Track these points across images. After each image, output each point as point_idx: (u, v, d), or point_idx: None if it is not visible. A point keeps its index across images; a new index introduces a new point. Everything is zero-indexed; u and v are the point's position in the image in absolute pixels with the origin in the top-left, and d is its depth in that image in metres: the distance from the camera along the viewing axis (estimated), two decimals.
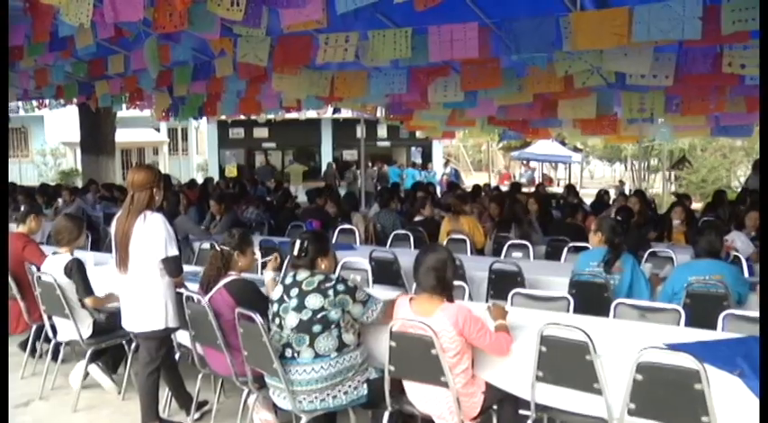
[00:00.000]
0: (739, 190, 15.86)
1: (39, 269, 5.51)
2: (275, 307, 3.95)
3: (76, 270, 5.13)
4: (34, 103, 14.00)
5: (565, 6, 5.69)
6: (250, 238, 4.65)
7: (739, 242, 6.81)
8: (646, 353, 3.10)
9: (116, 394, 5.43)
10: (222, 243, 4.43)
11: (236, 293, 4.22)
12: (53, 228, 5.58)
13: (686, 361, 2.98)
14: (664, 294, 5.08)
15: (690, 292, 4.87)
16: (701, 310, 4.55)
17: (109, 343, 5.38)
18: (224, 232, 4.94)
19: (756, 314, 4.17)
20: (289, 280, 3.97)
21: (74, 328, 5.17)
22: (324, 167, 26.28)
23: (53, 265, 5.25)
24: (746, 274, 5.95)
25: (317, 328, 3.77)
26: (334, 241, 8.13)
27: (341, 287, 3.84)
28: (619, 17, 5.37)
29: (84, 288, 5.13)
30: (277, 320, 3.92)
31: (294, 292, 3.87)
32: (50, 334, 5.58)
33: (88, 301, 5.12)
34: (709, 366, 3.02)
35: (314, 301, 3.79)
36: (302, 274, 3.93)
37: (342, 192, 14.56)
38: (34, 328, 5.95)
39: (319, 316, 3.77)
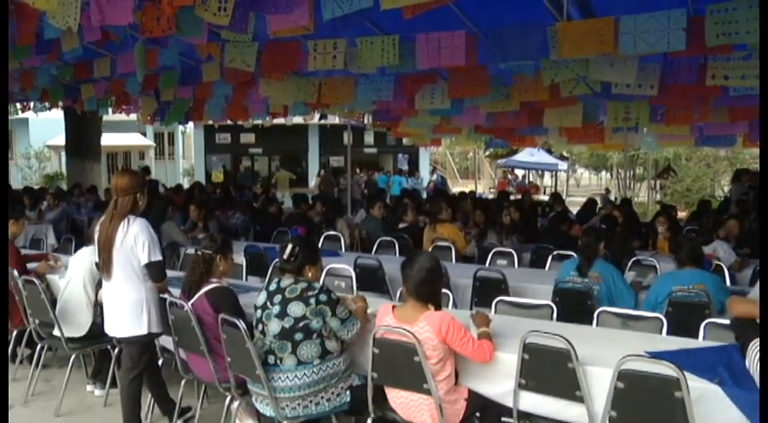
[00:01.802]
0: (722, 199, 15.98)
1: (20, 274, 5.50)
2: (259, 313, 3.94)
3: None
4: (18, 105, 13.90)
5: (552, 16, 5.73)
6: (231, 243, 4.65)
7: (722, 251, 6.85)
8: (627, 361, 3.11)
9: (98, 400, 5.40)
10: (204, 247, 4.42)
11: (215, 302, 4.21)
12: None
13: (667, 369, 3.00)
14: (647, 303, 5.11)
15: (672, 300, 4.91)
16: (683, 318, 4.59)
17: (93, 348, 5.37)
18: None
19: None
20: (273, 286, 3.96)
21: (72, 327, 5.23)
22: (310, 173, 26.29)
23: (85, 256, 5.29)
24: (728, 282, 6.00)
25: (298, 335, 3.76)
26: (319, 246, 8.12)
27: (323, 297, 3.82)
28: (605, 27, 5.41)
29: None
30: (260, 327, 3.91)
31: (277, 298, 3.86)
32: (35, 338, 5.55)
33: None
34: (689, 374, 3.04)
35: (296, 309, 3.78)
36: (286, 281, 3.92)
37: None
38: (15, 333, 5.91)
39: (301, 324, 3.76)
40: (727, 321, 4.09)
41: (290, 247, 3.99)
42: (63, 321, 5.23)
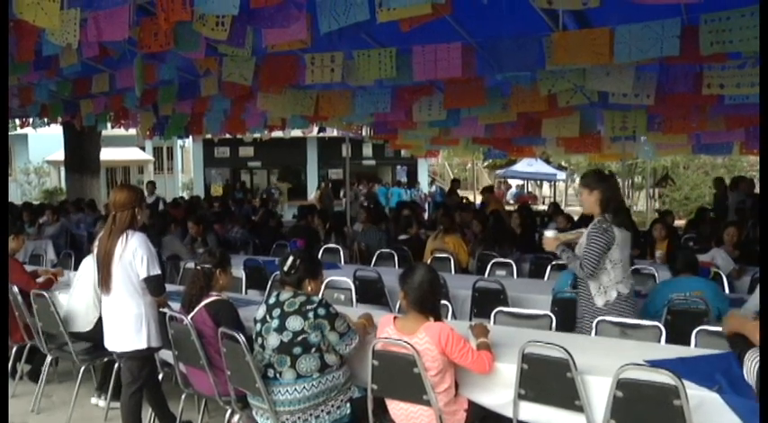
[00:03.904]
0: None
1: (20, 290, 5.50)
2: (258, 327, 3.94)
3: None
4: (17, 121, 13.94)
5: (547, 26, 5.76)
6: (230, 257, 4.66)
7: (720, 259, 6.84)
8: (626, 370, 3.12)
9: (99, 414, 5.39)
10: (203, 262, 4.43)
11: (215, 315, 4.22)
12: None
13: (665, 377, 3.02)
14: (645, 313, 5.11)
15: (671, 308, 4.91)
16: (682, 326, 4.58)
17: (102, 359, 5.35)
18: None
19: None
20: (272, 299, 3.97)
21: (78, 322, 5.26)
22: (309, 186, 26.30)
23: (91, 262, 5.26)
24: (727, 290, 6.01)
25: (297, 349, 3.76)
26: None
27: (322, 311, 3.81)
28: (600, 37, 5.45)
29: None
30: (260, 340, 3.91)
31: (276, 312, 3.86)
32: (46, 351, 5.56)
33: None
34: (688, 382, 3.05)
35: (294, 324, 3.78)
36: (285, 295, 3.92)
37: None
38: (15, 348, 5.91)
39: (299, 338, 3.76)
40: (719, 328, 4.11)
41: (290, 259, 4.00)
42: (70, 319, 5.26)
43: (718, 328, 4.16)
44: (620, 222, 4.56)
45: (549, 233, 4.88)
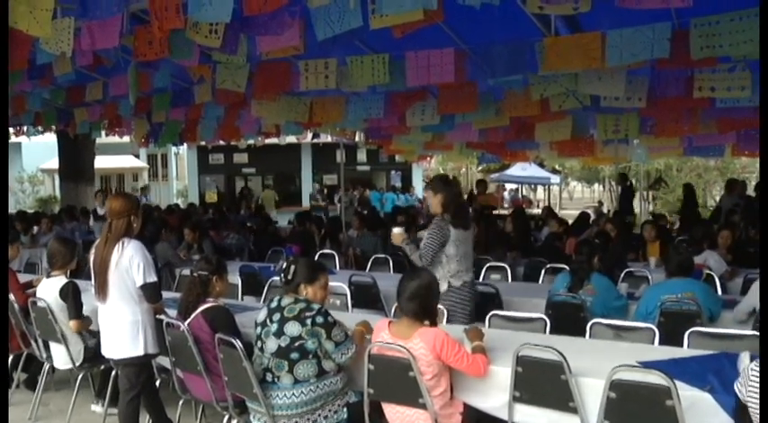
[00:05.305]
0: (713, 209, 16.03)
1: (17, 298, 5.50)
2: (258, 330, 3.96)
3: (72, 293, 5.13)
4: (11, 129, 13.91)
5: (539, 31, 5.80)
6: (226, 264, 4.67)
7: (712, 261, 6.88)
8: (618, 371, 3.15)
9: (98, 420, 5.39)
10: (200, 269, 4.44)
11: (212, 321, 4.23)
12: (47, 251, 5.60)
13: (657, 378, 3.05)
14: (638, 314, 5.15)
15: (664, 310, 4.95)
16: (675, 328, 4.61)
17: (99, 367, 5.35)
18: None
19: (721, 330, 4.30)
20: (274, 304, 3.99)
21: (68, 353, 5.18)
22: (303, 192, 26.27)
23: (49, 288, 5.25)
24: (719, 292, 6.04)
25: (294, 355, 3.78)
26: None
27: (320, 319, 3.83)
28: (592, 42, 5.48)
29: (75, 311, 5.12)
30: (259, 343, 3.94)
31: (276, 316, 3.88)
32: (44, 359, 5.55)
33: (72, 323, 5.11)
34: (680, 383, 3.08)
35: (292, 329, 3.80)
36: (286, 300, 3.94)
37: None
38: (11, 357, 5.90)
39: (297, 344, 3.78)
40: (711, 329, 4.15)
41: (285, 268, 4.04)
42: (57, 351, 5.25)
43: (711, 330, 4.21)
44: (459, 223, 5.16)
45: (397, 230, 5.36)
